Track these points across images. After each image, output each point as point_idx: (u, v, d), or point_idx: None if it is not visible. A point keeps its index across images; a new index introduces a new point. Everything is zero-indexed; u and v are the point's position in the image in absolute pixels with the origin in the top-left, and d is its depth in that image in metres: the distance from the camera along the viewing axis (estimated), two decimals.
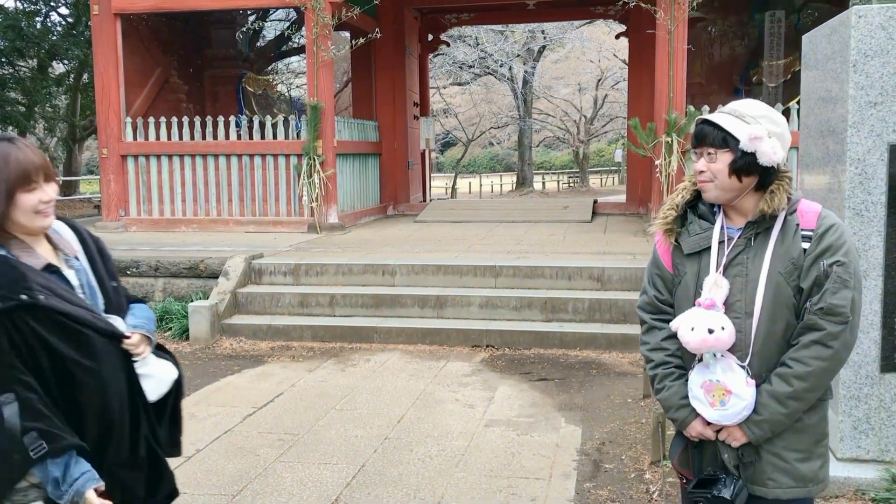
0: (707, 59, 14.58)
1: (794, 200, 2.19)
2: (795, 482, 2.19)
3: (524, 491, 4.09)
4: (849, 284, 2.09)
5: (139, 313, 2.38)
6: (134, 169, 11.37)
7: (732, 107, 2.22)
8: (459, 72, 29.62)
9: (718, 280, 2.21)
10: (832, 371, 2.14)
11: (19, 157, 2.12)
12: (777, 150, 2.14)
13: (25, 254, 2.16)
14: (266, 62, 18.43)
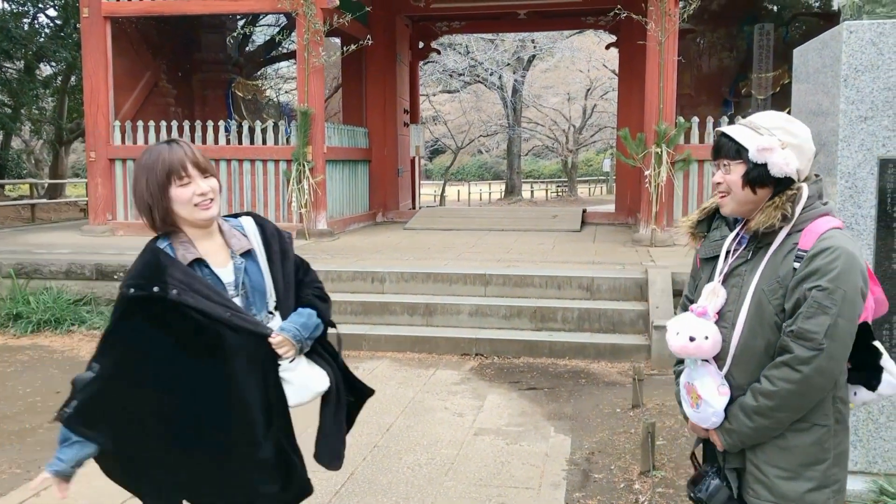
0: (696, 71, 14.68)
1: (804, 218, 2.15)
2: (775, 498, 2.18)
3: (513, 500, 4.08)
4: (828, 311, 2.04)
5: (295, 318, 2.40)
6: (122, 173, 11.31)
7: (750, 118, 2.24)
8: (449, 79, 29.68)
9: (717, 289, 2.24)
10: (803, 395, 2.10)
11: (168, 156, 2.27)
12: (790, 162, 2.13)
13: (182, 247, 2.29)
14: (255, 67, 18.43)
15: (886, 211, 3.67)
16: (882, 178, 3.67)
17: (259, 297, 2.39)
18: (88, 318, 8.09)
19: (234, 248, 2.39)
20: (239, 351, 2.26)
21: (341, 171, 12.12)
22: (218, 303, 2.24)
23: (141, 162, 2.32)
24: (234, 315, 2.26)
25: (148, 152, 2.32)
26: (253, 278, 2.39)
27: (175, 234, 2.33)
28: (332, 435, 2.52)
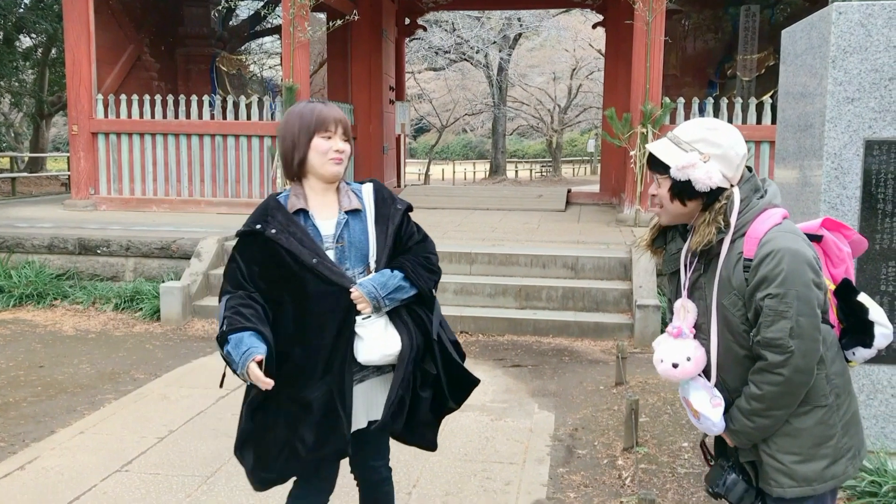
0: (682, 52, 14.68)
1: (743, 221, 2.16)
2: (797, 482, 2.22)
3: (498, 475, 4.12)
4: (785, 315, 2.07)
5: (377, 276, 2.55)
6: (104, 147, 11.19)
7: (675, 131, 2.24)
8: (435, 57, 29.49)
9: (686, 305, 2.29)
10: (790, 393, 2.14)
11: (323, 110, 2.53)
12: (713, 175, 2.13)
13: (294, 198, 2.56)
14: (240, 42, 18.24)
15: (871, 192, 3.71)
16: (867, 160, 3.70)
17: (355, 254, 2.57)
18: (71, 293, 8.04)
19: (342, 205, 2.60)
20: (319, 297, 2.48)
21: None
22: (308, 248, 2.48)
23: (295, 110, 2.57)
24: (320, 263, 2.48)
25: (302, 104, 2.58)
26: (354, 235, 2.58)
27: (294, 185, 2.59)
28: (394, 404, 2.53)
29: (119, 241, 8.39)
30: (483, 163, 35.29)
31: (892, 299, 3.73)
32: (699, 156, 2.14)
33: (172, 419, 4.89)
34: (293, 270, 2.47)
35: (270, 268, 2.50)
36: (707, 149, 2.15)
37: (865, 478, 3.57)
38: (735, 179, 2.19)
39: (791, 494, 2.24)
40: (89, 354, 6.40)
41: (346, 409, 2.51)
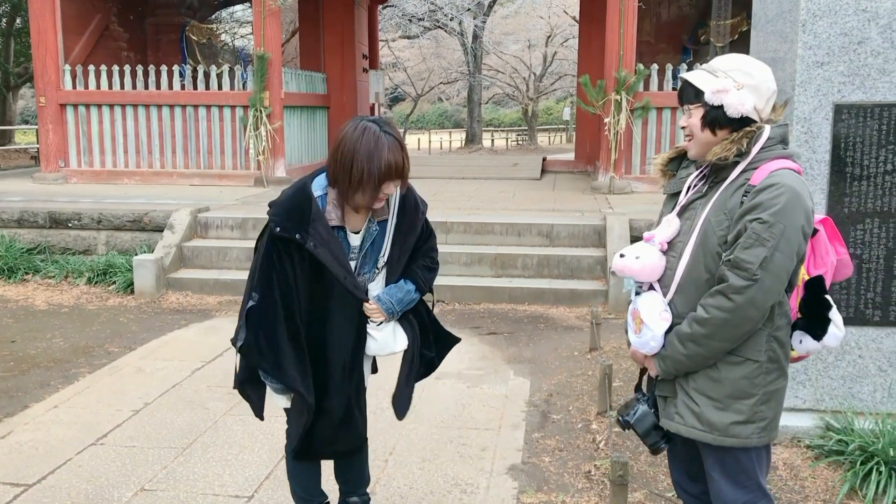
0: (656, 19, 14.64)
1: (761, 157, 2.20)
2: (701, 425, 2.26)
3: (474, 441, 4.16)
4: (765, 243, 2.09)
5: (395, 291, 2.72)
6: (73, 119, 11.01)
7: (711, 62, 2.29)
8: (409, 25, 29.18)
9: (671, 220, 2.33)
10: (735, 325, 2.15)
11: (390, 157, 2.47)
12: (745, 101, 2.18)
13: (333, 208, 2.59)
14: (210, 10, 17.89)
15: (840, 156, 3.74)
16: (836, 124, 3.73)
17: (373, 260, 2.71)
18: (43, 267, 7.95)
19: (375, 214, 2.66)
20: (341, 307, 2.65)
21: (299, 117, 11.94)
22: (341, 264, 2.59)
23: (361, 144, 2.46)
24: (348, 278, 2.61)
25: (368, 137, 2.46)
26: (377, 242, 2.70)
27: (331, 190, 2.59)
28: (403, 389, 2.87)
29: (90, 215, 8.28)
30: (459, 132, 35.14)
31: (860, 262, 3.79)
32: (733, 83, 2.19)
33: (148, 392, 4.87)
34: (324, 283, 2.60)
35: (305, 275, 2.59)
36: (741, 77, 2.20)
37: (833, 437, 3.65)
38: (764, 113, 2.23)
39: (688, 434, 2.29)
40: (62, 329, 6.35)
41: (362, 410, 2.86)
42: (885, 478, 3.34)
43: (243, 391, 2.84)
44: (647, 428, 2.41)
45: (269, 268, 2.58)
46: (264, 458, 3.94)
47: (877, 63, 3.67)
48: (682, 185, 2.39)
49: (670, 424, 2.34)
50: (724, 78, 2.20)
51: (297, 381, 2.61)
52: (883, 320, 3.83)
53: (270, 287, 2.57)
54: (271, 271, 2.58)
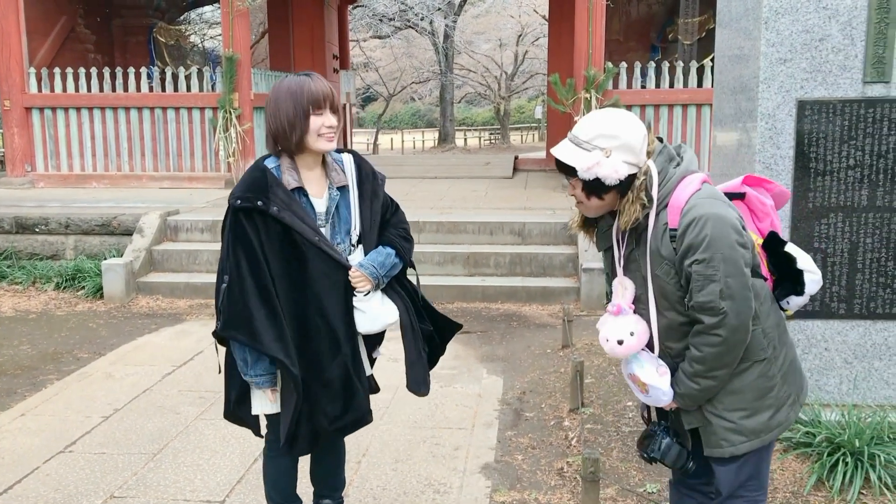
0: (625, 17, 14.74)
1: (665, 193, 2.20)
2: (747, 437, 2.30)
3: (447, 441, 4.16)
4: (714, 278, 2.12)
5: (374, 256, 2.68)
6: (39, 122, 10.86)
7: (574, 131, 2.25)
8: (380, 24, 29.13)
9: (623, 282, 2.35)
10: (730, 352, 2.20)
11: (312, 86, 2.54)
12: (618, 167, 2.15)
13: (288, 173, 2.58)
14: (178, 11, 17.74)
15: (804, 152, 3.79)
16: (800, 120, 3.78)
17: (344, 229, 2.67)
18: (9, 273, 7.83)
19: (332, 181, 2.66)
20: (321, 274, 2.57)
21: None
22: (309, 226, 2.55)
23: (283, 87, 2.56)
24: (321, 240, 2.56)
25: (289, 81, 2.57)
26: (342, 212, 2.67)
27: (283, 158, 2.60)
28: (416, 362, 2.78)
29: (58, 219, 8.18)
30: (432, 131, 35.13)
31: (826, 256, 3.84)
32: (601, 152, 2.16)
33: (117, 398, 4.82)
34: (297, 249, 2.54)
35: (273, 245, 2.53)
36: (606, 143, 2.17)
37: (800, 429, 3.69)
38: (642, 162, 2.21)
39: (743, 450, 2.31)
40: (30, 335, 6.26)
41: (363, 381, 2.74)
42: (851, 468, 3.38)
43: (236, 415, 2.77)
44: (675, 457, 2.40)
45: (234, 246, 2.54)
46: (236, 462, 3.92)
47: (838, 59, 3.73)
48: (610, 239, 2.39)
49: (721, 451, 2.33)
50: (591, 150, 2.17)
51: (275, 349, 2.52)
52: (848, 313, 3.88)
53: (238, 265, 2.53)
54: (237, 248, 2.53)
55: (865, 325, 3.89)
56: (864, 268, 3.83)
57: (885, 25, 3.67)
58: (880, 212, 3.78)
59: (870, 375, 3.92)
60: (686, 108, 9.77)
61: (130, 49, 14.58)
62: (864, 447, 3.43)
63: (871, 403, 3.84)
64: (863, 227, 3.80)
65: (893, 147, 3.74)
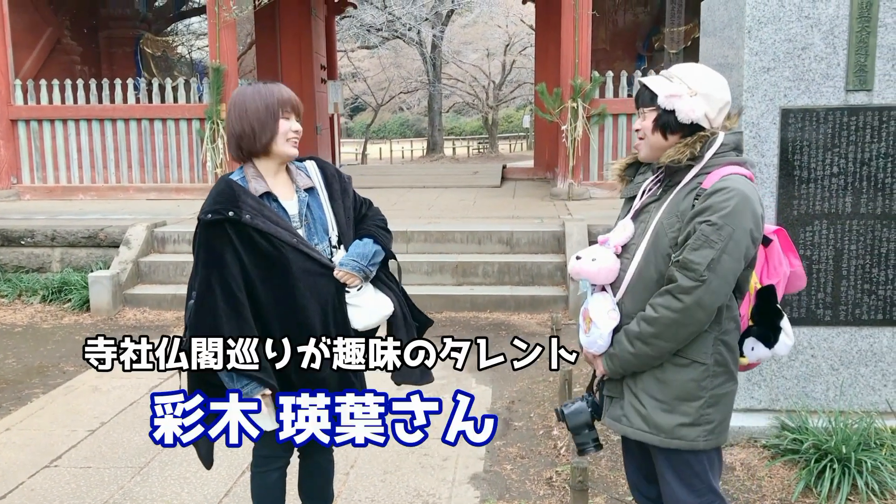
0: (611, 26, 14.81)
1: (714, 162, 2.22)
2: (648, 427, 2.30)
3: (436, 451, 4.15)
4: (713, 245, 2.11)
5: (353, 249, 2.67)
6: (25, 134, 10.81)
7: (671, 69, 2.33)
8: (367, 35, 29.20)
9: (626, 224, 2.37)
10: (682, 325, 2.17)
11: (281, 91, 2.58)
12: (696, 108, 2.21)
13: (254, 181, 2.57)
14: (165, 23, 17.74)
15: (788, 159, 3.81)
16: (784, 128, 3.80)
17: (320, 229, 2.66)
18: None
19: (298, 184, 2.67)
20: (304, 273, 2.54)
21: None
22: (285, 229, 2.53)
23: (250, 91, 2.57)
24: (300, 241, 2.55)
25: (255, 86, 2.59)
26: (315, 212, 2.66)
27: (247, 168, 2.60)
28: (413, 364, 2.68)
29: (44, 231, 8.13)
30: (420, 141, 35.18)
31: (810, 263, 3.86)
32: (687, 89, 2.22)
33: (104, 411, 4.79)
34: (276, 254, 2.50)
35: (250, 254, 2.49)
36: (695, 85, 2.23)
37: (788, 436, 3.70)
38: (716, 122, 2.26)
39: (634, 436, 2.33)
40: (15, 349, 6.22)
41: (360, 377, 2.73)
42: (839, 475, 3.40)
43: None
44: (579, 424, 2.42)
45: (205, 261, 2.51)
46: (223, 474, 3.89)
47: (820, 68, 3.76)
48: (638, 190, 2.42)
49: (616, 426, 2.38)
50: (678, 84, 2.24)
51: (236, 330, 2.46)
52: (833, 320, 3.90)
53: (207, 280, 2.48)
54: (208, 264, 2.50)
55: (851, 331, 3.91)
56: (848, 274, 3.86)
57: (867, 34, 3.70)
58: (864, 219, 3.81)
59: (856, 382, 3.94)
60: None
61: (117, 60, 14.54)
62: (852, 453, 3.44)
63: (857, 410, 3.86)
64: (847, 234, 3.83)
65: (876, 154, 3.77)
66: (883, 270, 3.84)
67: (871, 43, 3.71)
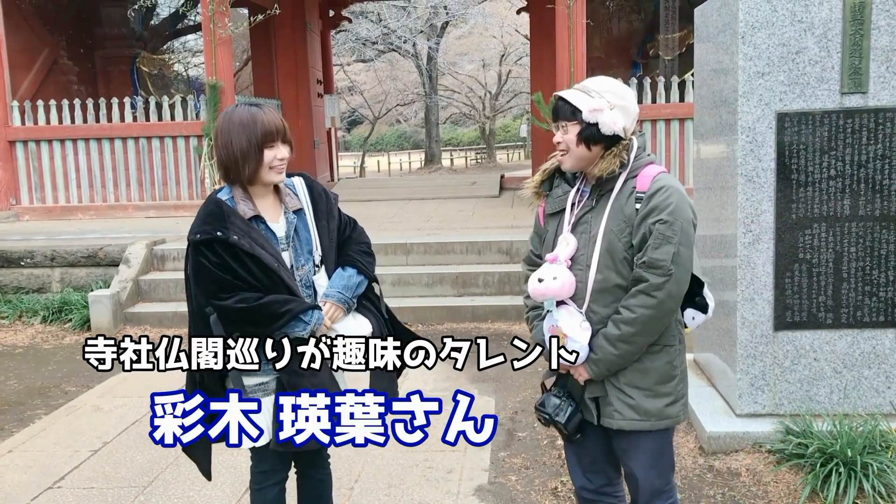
0: (606, 34, 14.86)
1: (636, 165, 2.41)
2: (639, 416, 2.45)
3: (440, 464, 4.13)
4: (671, 240, 2.29)
5: (337, 281, 2.69)
6: (24, 155, 10.83)
7: (582, 83, 2.46)
8: (363, 48, 29.27)
9: (567, 238, 2.47)
10: (658, 319, 2.36)
11: (265, 118, 2.54)
12: (618, 121, 2.37)
13: (242, 203, 2.58)
14: (161, 41, 17.78)
15: (785, 163, 3.82)
16: (780, 132, 3.81)
17: (305, 251, 2.68)
18: None
19: (287, 205, 2.68)
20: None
21: None
22: (269, 253, 2.54)
23: (234, 119, 2.55)
24: (281, 267, 2.56)
25: (241, 111, 2.56)
26: (301, 234, 2.68)
27: (236, 189, 2.61)
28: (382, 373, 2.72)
29: (43, 252, 8.13)
30: (418, 153, 35.20)
31: (810, 266, 3.86)
32: (607, 103, 2.37)
33: (106, 430, 4.77)
34: (260, 276, 2.52)
35: (240, 271, 2.51)
36: (614, 99, 2.38)
37: (792, 440, 3.69)
38: (629, 131, 2.42)
39: (630, 427, 2.46)
40: (17, 370, 6.20)
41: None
42: (845, 478, 3.38)
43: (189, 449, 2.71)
44: (576, 427, 2.53)
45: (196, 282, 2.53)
46: (227, 492, 3.88)
47: (815, 72, 3.77)
48: (563, 204, 2.53)
49: (612, 423, 2.48)
50: (598, 98, 2.37)
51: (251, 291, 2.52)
52: (835, 323, 3.90)
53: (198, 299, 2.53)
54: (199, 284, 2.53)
55: (853, 334, 3.91)
56: (849, 277, 3.85)
57: (860, 37, 3.71)
58: (863, 221, 3.81)
59: (859, 384, 3.93)
60: (669, 123, 9.84)
61: (114, 79, 14.58)
62: (857, 457, 3.43)
63: (861, 412, 3.85)
64: (846, 237, 3.83)
65: (873, 156, 3.78)
66: (883, 272, 3.84)
67: (865, 45, 3.72)
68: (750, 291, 3.91)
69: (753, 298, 3.91)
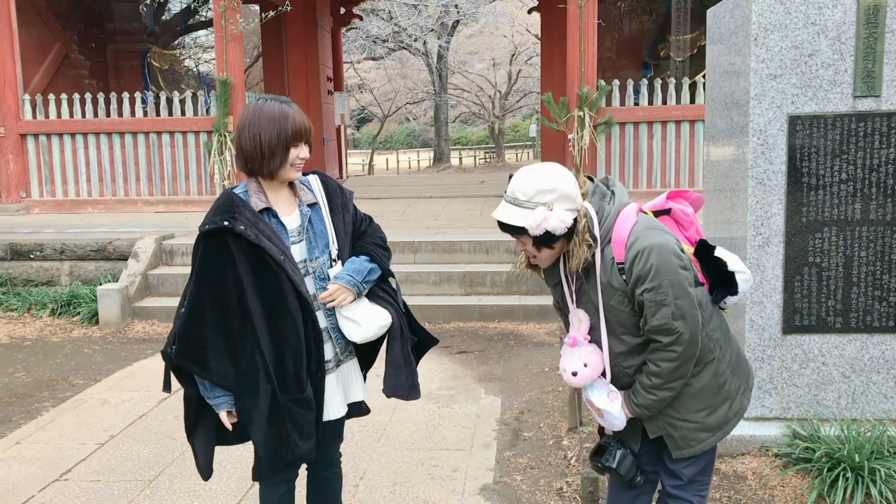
0: (617, 34, 14.82)
1: (605, 229, 2.32)
2: (712, 432, 2.49)
3: (446, 462, 4.13)
4: (665, 303, 2.27)
5: (348, 265, 2.67)
6: (34, 148, 10.87)
7: (511, 191, 2.33)
8: (373, 46, 29.30)
9: (577, 314, 2.48)
10: (684, 364, 2.37)
11: (296, 117, 2.56)
12: (565, 218, 2.27)
13: (255, 196, 2.58)
14: (172, 36, 17.83)
15: (796, 166, 3.80)
16: (791, 135, 3.79)
17: (321, 243, 2.67)
18: (4, 300, 7.80)
19: (301, 199, 2.68)
20: (289, 294, 2.52)
21: None
22: (276, 246, 2.51)
23: (265, 113, 2.54)
24: (287, 261, 2.52)
25: (271, 105, 2.56)
26: (316, 226, 2.67)
27: (251, 183, 2.61)
28: (403, 367, 2.77)
29: (53, 245, 8.16)
30: (427, 151, 35.23)
31: (821, 270, 3.84)
32: (544, 207, 2.26)
33: (113, 424, 4.79)
34: (269, 267, 2.50)
35: (245, 264, 2.49)
36: (547, 197, 2.26)
37: (799, 445, 3.67)
38: (579, 206, 2.32)
39: (711, 444, 2.49)
40: (25, 362, 6.23)
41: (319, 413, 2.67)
42: (852, 483, 3.37)
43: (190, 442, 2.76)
44: (629, 467, 2.55)
45: (199, 272, 2.52)
46: (233, 487, 3.88)
47: (828, 74, 3.75)
48: (558, 276, 2.51)
49: (692, 451, 2.49)
50: (536, 209, 2.26)
51: (225, 378, 2.53)
52: (844, 327, 3.87)
53: (199, 291, 2.51)
54: (201, 275, 2.52)
55: (862, 338, 3.89)
56: (859, 281, 3.83)
57: (874, 40, 3.69)
58: (874, 225, 3.79)
59: (868, 389, 3.91)
60: (679, 125, 9.81)
61: (125, 74, 14.63)
62: (865, 462, 3.41)
63: (870, 417, 3.83)
64: (857, 241, 3.81)
65: (885, 160, 3.75)
66: (894, 277, 3.81)
67: (879, 49, 3.70)
68: (759, 294, 3.89)
69: (762, 301, 3.90)
